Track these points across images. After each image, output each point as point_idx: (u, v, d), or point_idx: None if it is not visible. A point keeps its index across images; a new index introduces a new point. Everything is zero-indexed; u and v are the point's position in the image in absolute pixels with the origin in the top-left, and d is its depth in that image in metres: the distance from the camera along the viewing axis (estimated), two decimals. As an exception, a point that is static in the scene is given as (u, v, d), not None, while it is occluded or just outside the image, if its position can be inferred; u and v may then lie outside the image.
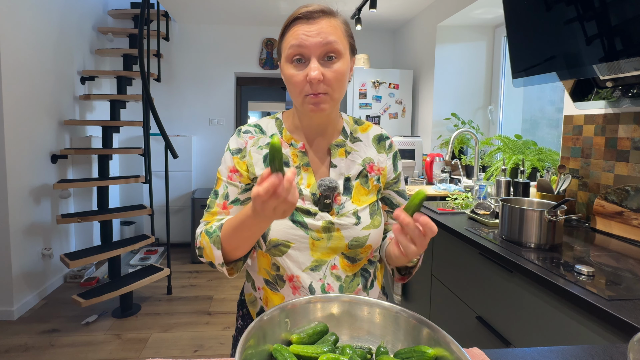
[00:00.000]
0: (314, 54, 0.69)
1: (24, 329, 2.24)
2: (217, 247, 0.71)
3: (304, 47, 0.69)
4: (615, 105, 1.43)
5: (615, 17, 1.11)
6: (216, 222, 0.75)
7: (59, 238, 2.84)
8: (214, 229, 0.73)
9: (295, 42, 0.69)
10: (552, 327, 0.99)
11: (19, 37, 2.38)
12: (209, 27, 3.80)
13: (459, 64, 2.88)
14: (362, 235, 0.76)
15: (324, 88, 0.70)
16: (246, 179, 0.79)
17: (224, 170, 0.80)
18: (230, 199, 0.79)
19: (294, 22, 0.71)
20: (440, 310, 1.62)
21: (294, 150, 0.79)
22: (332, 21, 0.71)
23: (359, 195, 0.79)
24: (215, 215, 0.79)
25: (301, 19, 0.70)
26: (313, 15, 0.69)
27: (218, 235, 0.71)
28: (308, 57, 0.69)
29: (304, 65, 0.70)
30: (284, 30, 0.73)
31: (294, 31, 0.70)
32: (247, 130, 0.82)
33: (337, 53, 0.70)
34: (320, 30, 0.69)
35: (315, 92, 0.70)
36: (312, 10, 0.69)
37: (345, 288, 0.77)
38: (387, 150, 0.85)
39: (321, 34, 0.68)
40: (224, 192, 0.79)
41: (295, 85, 0.71)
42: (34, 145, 2.55)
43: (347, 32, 0.74)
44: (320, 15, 0.70)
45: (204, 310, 2.52)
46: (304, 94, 0.71)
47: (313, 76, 0.68)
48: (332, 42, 0.69)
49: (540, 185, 1.58)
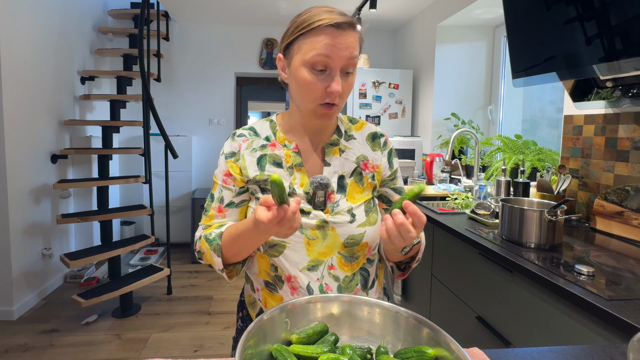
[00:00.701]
0: (338, 66, 0.69)
1: (24, 329, 2.24)
2: (218, 254, 0.73)
3: (330, 58, 0.68)
4: (615, 105, 1.43)
5: (615, 17, 1.11)
6: (215, 230, 0.77)
7: (59, 238, 2.84)
8: (213, 236, 0.75)
9: (324, 52, 0.67)
10: (552, 327, 0.99)
11: (19, 37, 2.38)
12: (209, 27, 3.80)
13: (459, 64, 2.88)
14: (357, 233, 0.76)
15: (338, 100, 0.71)
16: (240, 182, 0.80)
17: (219, 174, 0.81)
18: (225, 203, 0.80)
19: (321, 29, 0.67)
20: (440, 310, 1.62)
21: (287, 150, 0.79)
22: (355, 34, 0.70)
23: (353, 193, 0.79)
24: (212, 218, 0.81)
25: (332, 27, 0.67)
26: (342, 26, 0.68)
27: (218, 244, 0.73)
28: (331, 68, 0.69)
29: (324, 75, 0.69)
30: (307, 29, 0.69)
31: (322, 39, 0.67)
32: (241, 134, 0.82)
33: (354, 67, 0.71)
34: (349, 44, 0.68)
35: (331, 103, 0.71)
36: (342, 21, 0.67)
37: (344, 288, 0.77)
38: (381, 148, 0.85)
39: (349, 49, 0.68)
40: (219, 196, 0.81)
41: (311, 92, 0.71)
42: (34, 145, 2.55)
43: (361, 44, 0.74)
44: (348, 27, 0.68)
45: (204, 310, 2.52)
46: (318, 102, 0.71)
47: (337, 89, 0.68)
48: (355, 57, 0.70)
49: (540, 185, 1.58)
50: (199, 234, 0.81)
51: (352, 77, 0.72)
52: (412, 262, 0.81)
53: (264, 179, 0.77)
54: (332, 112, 0.72)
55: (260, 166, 0.78)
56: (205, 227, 0.81)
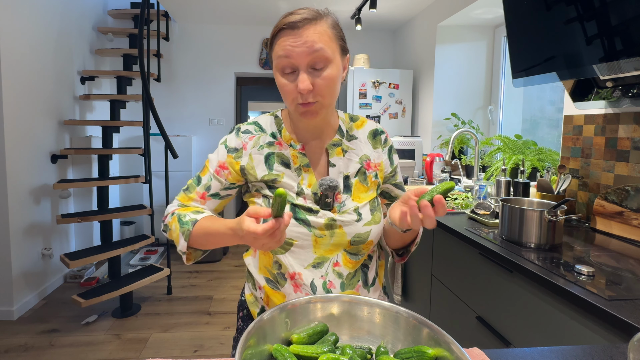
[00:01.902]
0: (301, 64, 0.68)
1: (24, 329, 2.24)
2: (185, 238, 0.75)
3: (291, 58, 0.68)
4: (615, 105, 1.43)
5: (615, 17, 1.11)
6: (191, 214, 0.77)
7: (59, 238, 2.84)
8: (186, 219, 0.75)
9: (282, 54, 0.68)
10: (552, 327, 0.99)
11: (19, 37, 2.38)
12: (209, 27, 3.80)
13: (459, 64, 2.88)
14: (363, 232, 0.77)
15: (314, 97, 0.70)
16: (234, 179, 0.80)
17: (214, 161, 0.81)
18: (210, 192, 0.81)
19: (279, 33, 0.69)
20: (440, 310, 1.62)
21: (294, 151, 0.79)
22: (318, 27, 0.69)
23: (358, 193, 0.80)
24: (192, 200, 0.81)
25: (286, 29, 0.68)
26: (297, 24, 0.67)
27: (189, 230, 0.74)
28: (296, 68, 0.69)
29: (294, 76, 0.70)
30: (272, 40, 0.72)
31: (280, 42, 0.69)
32: (246, 130, 0.81)
33: (325, 60, 0.69)
34: (306, 39, 0.67)
35: (306, 102, 0.70)
36: (296, 20, 0.68)
37: (346, 285, 0.77)
38: (382, 145, 0.86)
39: (307, 43, 0.67)
40: (207, 183, 0.81)
41: (287, 95, 0.72)
42: (34, 145, 2.55)
43: (336, 35, 0.72)
44: (304, 23, 0.68)
45: (204, 310, 2.52)
46: (296, 102, 0.71)
47: (302, 88, 0.68)
48: (319, 50, 0.68)
49: (540, 185, 1.58)
50: (173, 209, 0.81)
51: (328, 69, 0.70)
52: (411, 246, 0.83)
53: (272, 179, 0.77)
54: (310, 110, 0.72)
55: (268, 165, 0.78)
56: (180, 204, 0.82)
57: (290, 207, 0.76)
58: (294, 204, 0.76)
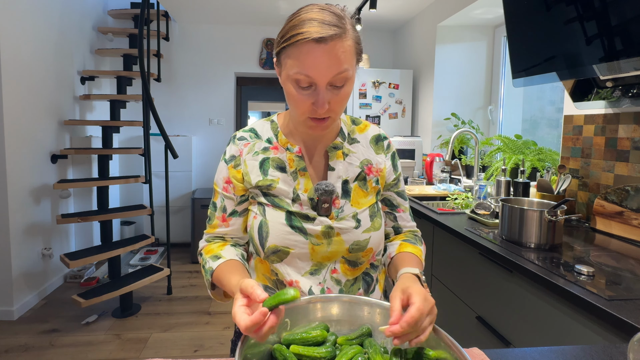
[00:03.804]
0: (322, 82, 0.63)
1: (24, 329, 2.24)
2: (209, 287, 0.75)
3: (314, 78, 0.63)
4: (615, 105, 1.43)
5: (615, 17, 1.11)
6: (210, 260, 0.74)
7: (59, 238, 2.84)
8: (207, 267, 0.74)
9: (305, 72, 0.62)
10: (552, 327, 0.99)
11: (19, 37, 2.38)
12: (209, 27, 3.80)
13: (459, 64, 2.88)
14: (362, 239, 0.75)
15: (328, 112, 0.67)
16: (240, 191, 0.78)
17: (220, 181, 0.80)
18: (228, 212, 0.79)
19: (301, 43, 0.61)
20: (440, 310, 1.62)
21: (291, 155, 0.77)
22: (345, 44, 0.63)
23: (357, 198, 0.77)
24: (216, 227, 0.80)
25: (309, 41, 0.61)
26: (325, 39, 0.60)
27: (209, 280, 0.73)
28: (314, 83, 0.64)
29: (310, 90, 0.65)
30: (288, 43, 0.63)
31: (301, 55, 0.62)
32: (242, 137, 0.80)
33: (346, 79, 0.65)
34: (333, 59, 0.62)
35: (320, 117, 0.67)
36: (324, 35, 0.60)
37: (345, 292, 0.76)
38: (385, 151, 0.83)
39: (334, 66, 0.62)
40: (221, 205, 0.79)
41: (299, 106, 0.67)
42: (34, 145, 2.55)
43: (357, 49, 0.67)
44: (333, 39, 0.61)
45: (204, 310, 2.52)
46: (307, 115, 0.68)
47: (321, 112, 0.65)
48: (344, 70, 0.63)
49: (540, 185, 1.58)
50: (202, 245, 0.81)
51: (345, 88, 0.66)
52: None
53: (267, 184, 0.75)
54: (324, 124, 0.69)
55: (263, 170, 0.76)
56: (209, 236, 0.81)
57: (286, 214, 0.74)
58: (290, 211, 0.74)
